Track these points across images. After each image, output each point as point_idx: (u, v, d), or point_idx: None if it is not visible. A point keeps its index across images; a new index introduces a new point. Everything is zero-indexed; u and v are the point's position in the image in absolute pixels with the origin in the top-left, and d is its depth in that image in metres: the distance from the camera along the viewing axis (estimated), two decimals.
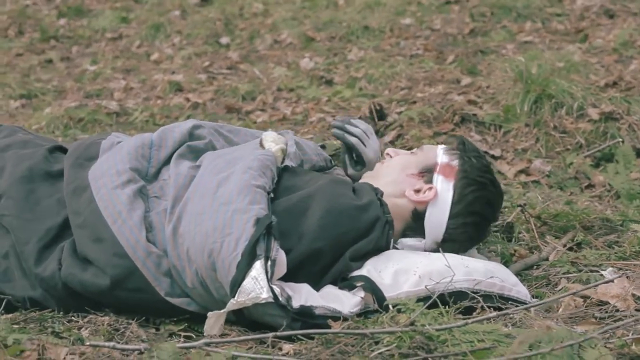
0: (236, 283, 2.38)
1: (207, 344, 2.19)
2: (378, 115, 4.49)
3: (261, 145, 2.86)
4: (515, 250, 3.09)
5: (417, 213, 2.79)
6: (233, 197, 2.54)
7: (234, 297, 2.38)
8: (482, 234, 2.87)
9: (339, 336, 2.26)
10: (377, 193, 2.74)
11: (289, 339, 2.32)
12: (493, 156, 4.09)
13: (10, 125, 3.13)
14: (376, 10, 6.96)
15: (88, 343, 2.24)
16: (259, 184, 2.59)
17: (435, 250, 2.75)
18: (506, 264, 2.97)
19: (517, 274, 2.87)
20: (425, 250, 2.78)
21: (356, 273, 2.60)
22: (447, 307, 2.43)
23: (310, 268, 2.57)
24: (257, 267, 2.38)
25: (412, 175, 2.83)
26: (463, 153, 2.84)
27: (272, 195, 2.63)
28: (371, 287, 2.51)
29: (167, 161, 2.83)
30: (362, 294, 2.51)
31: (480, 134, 4.28)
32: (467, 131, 4.28)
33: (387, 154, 2.96)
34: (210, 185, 2.61)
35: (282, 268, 2.45)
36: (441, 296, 2.48)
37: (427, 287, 2.49)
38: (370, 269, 2.59)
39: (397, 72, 5.41)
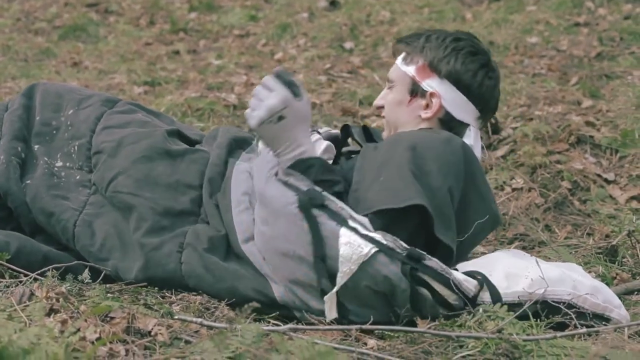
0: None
1: (293, 330, 2.21)
2: (492, 129, 4.45)
3: None
4: (617, 274, 3.03)
5: (443, 120, 2.81)
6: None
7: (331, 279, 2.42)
8: (495, 69, 2.85)
9: (424, 336, 2.25)
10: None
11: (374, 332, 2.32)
12: (606, 180, 4.00)
13: (129, 102, 3.15)
14: (503, 27, 6.91)
15: (177, 317, 2.28)
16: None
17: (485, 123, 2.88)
18: (607, 286, 2.91)
19: (617, 297, 2.81)
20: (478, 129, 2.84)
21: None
22: (538, 320, 2.40)
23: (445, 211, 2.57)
24: (344, 232, 2.42)
25: (410, 102, 2.82)
26: (413, 48, 2.83)
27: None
28: (487, 283, 2.48)
29: None
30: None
31: (595, 157, 4.20)
32: (582, 152, 4.21)
33: (379, 107, 2.90)
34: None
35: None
36: (536, 310, 2.45)
37: (534, 292, 2.45)
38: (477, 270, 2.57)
39: (518, 90, 5.35)
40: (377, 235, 2.42)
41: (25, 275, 2.61)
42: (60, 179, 2.88)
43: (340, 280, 2.41)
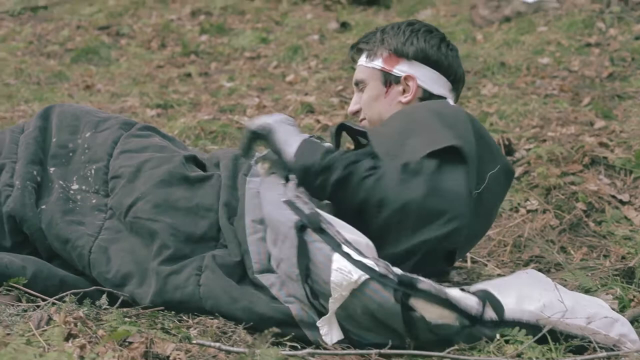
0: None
1: (311, 355, 2.20)
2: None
3: None
4: (634, 296, 3.01)
5: (423, 99, 2.91)
6: None
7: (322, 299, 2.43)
8: (451, 42, 2.99)
9: None
10: None
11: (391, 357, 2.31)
12: (621, 201, 3.99)
13: (145, 125, 3.15)
14: (514, 48, 6.90)
15: (195, 342, 2.28)
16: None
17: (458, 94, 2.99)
18: (624, 308, 2.89)
19: (635, 319, 2.80)
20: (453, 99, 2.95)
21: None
22: (557, 343, 2.38)
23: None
24: (336, 258, 2.42)
25: (387, 93, 2.92)
26: (372, 44, 2.94)
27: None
28: (488, 298, 2.46)
29: None
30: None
31: (609, 178, 4.19)
32: (595, 174, 4.20)
33: (355, 112, 2.98)
34: None
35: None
36: (553, 334, 2.43)
37: (547, 318, 2.43)
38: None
39: (530, 111, 5.35)
40: (370, 262, 2.43)
41: (43, 300, 2.61)
42: (75, 203, 2.88)
43: (332, 306, 2.42)
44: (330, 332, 2.45)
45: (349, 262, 2.42)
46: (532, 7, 7.74)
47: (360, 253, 2.45)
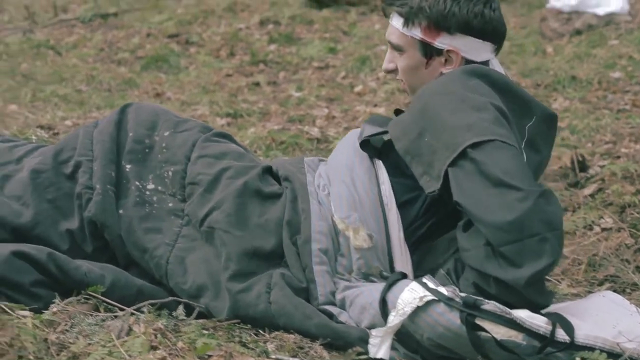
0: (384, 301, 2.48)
1: None
2: (579, 167, 4.39)
3: None
4: None
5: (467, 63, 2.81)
6: None
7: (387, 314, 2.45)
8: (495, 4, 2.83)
9: None
10: None
11: None
12: None
13: (223, 132, 3.15)
14: (585, 61, 6.83)
15: (273, 356, 2.28)
16: None
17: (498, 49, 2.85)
18: None
19: None
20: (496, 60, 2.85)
21: None
22: None
23: None
24: (414, 285, 2.45)
25: (428, 64, 2.81)
26: (409, 10, 2.77)
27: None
28: (559, 319, 2.42)
29: None
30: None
31: None
32: None
33: (391, 71, 2.89)
34: None
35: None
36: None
37: (622, 344, 2.39)
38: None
39: (602, 126, 5.28)
40: (441, 288, 2.43)
41: (120, 309, 2.63)
42: (152, 206, 2.88)
43: (393, 319, 2.43)
44: (380, 345, 2.46)
45: (422, 287, 2.44)
46: (603, 20, 7.64)
47: (436, 284, 2.46)
